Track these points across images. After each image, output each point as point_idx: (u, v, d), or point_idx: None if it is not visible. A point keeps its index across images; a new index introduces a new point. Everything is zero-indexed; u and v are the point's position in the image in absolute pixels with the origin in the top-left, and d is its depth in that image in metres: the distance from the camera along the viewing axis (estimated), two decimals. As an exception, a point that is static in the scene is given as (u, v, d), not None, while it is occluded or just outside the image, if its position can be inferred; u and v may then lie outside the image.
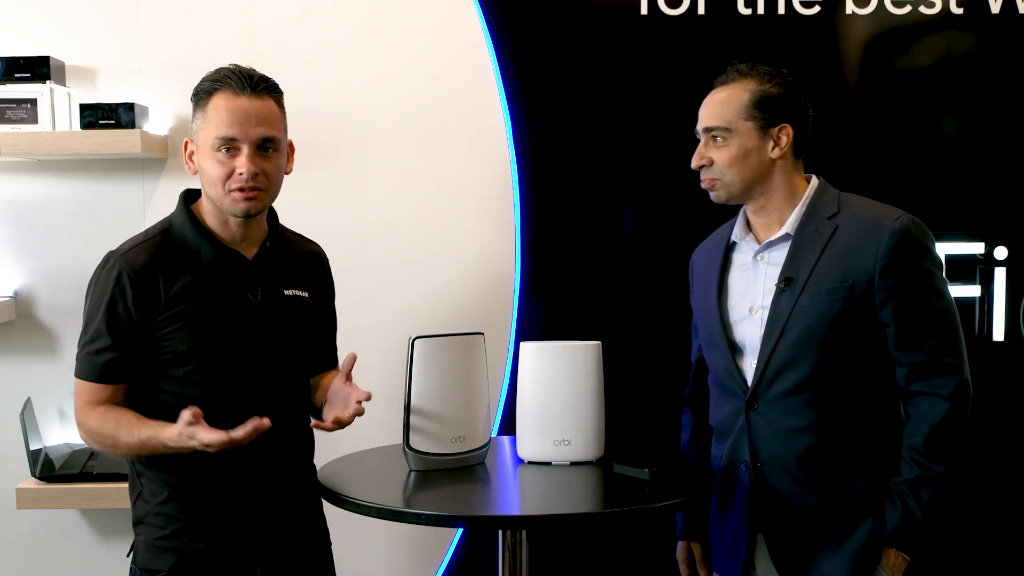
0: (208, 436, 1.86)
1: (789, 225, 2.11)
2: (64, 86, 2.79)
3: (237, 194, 1.99)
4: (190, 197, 2.10)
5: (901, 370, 2.04)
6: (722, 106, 2.12)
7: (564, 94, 2.87)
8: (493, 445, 2.40)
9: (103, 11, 2.84)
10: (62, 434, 2.88)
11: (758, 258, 2.15)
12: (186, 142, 2.05)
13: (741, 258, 2.20)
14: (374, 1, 2.87)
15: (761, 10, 2.83)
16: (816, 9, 2.83)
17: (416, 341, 2.17)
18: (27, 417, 2.72)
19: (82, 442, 2.80)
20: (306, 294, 2.16)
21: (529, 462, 2.26)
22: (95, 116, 2.69)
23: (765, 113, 2.10)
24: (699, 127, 2.17)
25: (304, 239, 2.26)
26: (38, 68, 2.71)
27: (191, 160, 2.05)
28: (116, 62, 2.85)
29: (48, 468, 2.71)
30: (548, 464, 2.24)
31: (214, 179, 2.00)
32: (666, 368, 2.89)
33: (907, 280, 2.01)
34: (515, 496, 2.16)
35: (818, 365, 2.04)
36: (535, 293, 2.91)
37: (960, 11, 2.82)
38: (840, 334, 2.03)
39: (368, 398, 2.00)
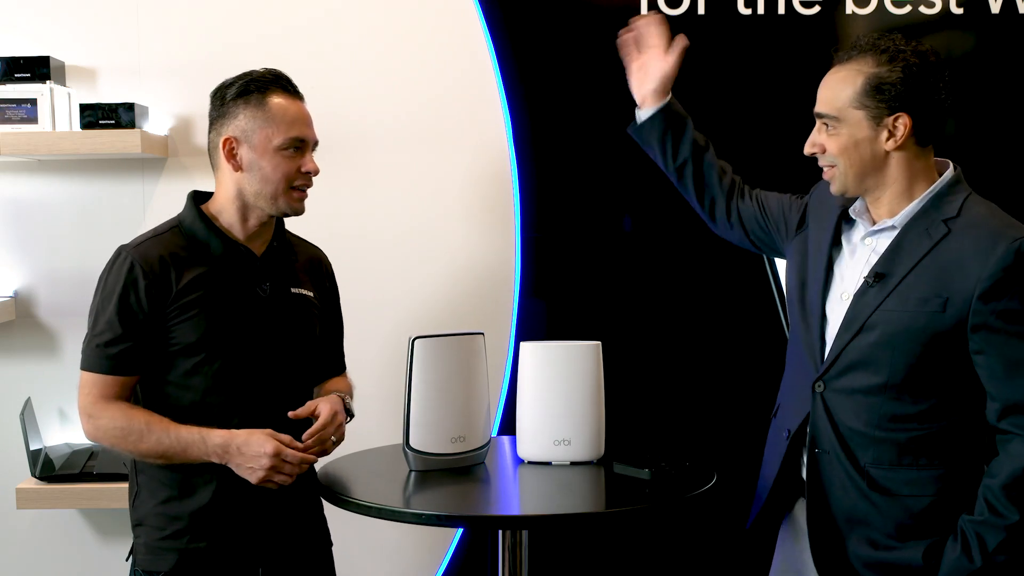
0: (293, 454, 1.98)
1: (899, 217, 1.94)
2: (64, 86, 2.79)
3: (297, 193, 2.08)
4: (198, 198, 2.11)
5: (993, 404, 1.85)
6: (834, 91, 1.95)
7: (564, 94, 2.87)
8: (493, 445, 2.40)
9: (103, 11, 2.84)
10: (62, 434, 2.88)
11: (865, 242, 2.00)
12: (227, 138, 2.03)
13: (855, 235, 2.04)
14: (374, 3, 2.87)
15: (761, 10, 2.83)
16: (816, 9, 2.83)
17: (416, 341, 2.17)
18: (27, 417, 2.72)
19: (82, 442, 2.83)
20: (311, 294, 2.18)
21: (529, 462, 2.26)
22: (95, 116, 2.69)
23: (879, 101, 1.91)
24: (814, 110, 2.00)
25: (306, 243, 2.27)
26: (38, 68, 2.71)
27: (233, 157, 2.04)
28: (116, 62, 2.85)
29: (48, 468, 2.71)
30: (548, 464, 2.24)
31: (278, 177, 2.04)
32: (666, 368, 2.89)
33: (1010, 310, 1.82)
34: (515, 496, 2.16)
35: (892, 375, 1.89)
36: (535, 293, 2.91)
37: (960, 11, 2.82)
38: (923, 351, 1.87)
39: (318, 432, 2.06)
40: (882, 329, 1.90)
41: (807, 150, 2.02)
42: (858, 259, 2.01)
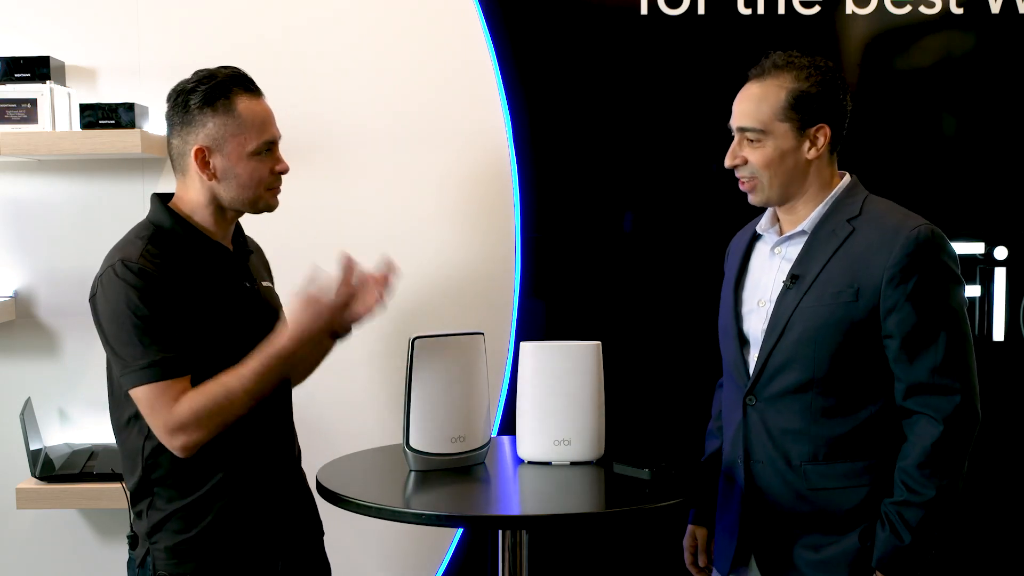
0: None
1: (808, 222, 2.06)
2: (64, 86, 2.79)
3: (273, 190, 2.08)
4: (164, 198, 2.10)
5: (899, 386, 1.96)
6: (757, 105, 2.04)
7: (564, 94, 2.87)
8: (493, 445, 2.40)
9: (103, 11, 2.84)
10: (62, 434, 2.88)
11: (775, 251, 2.11)
12: (199, 148, 2.00)
13: (762, 248, 2.16)
14: (374, 3, 2.87)
15: (761, 10, 2.83)
16: (816, 9, 2.83)
17: (416, 341, 2.17)
18: (27, 417, 2.72)
19: (82, 442, 2.83)
20: (271, 284, 2.22)
21: (529, 462, 2.26)
22: (95, 116, 2.69)
23: (802, 113, 2.01)
24: (733, 124, 2.08)
25: (248, 236, 2.25)
26: (38, 68, 2.70)
27: (207, 167, 2.01)
28: (116, 62, 2.85)
29: (48, 468, 2.71)
30: (548, 464, 2.24)
31: (255, 181, 2.03)
32: (666, 368, 2.89)
33: (913, 293, 1.92)
34: (515, 496, 2.16)
35: (817, 369, 1.99)
36: (535, 293, 2.91)
37: (960, 11, 2.82)
38: (843, 340, 1.97)
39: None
40: (803, 326, 2.00)
41: (728, 162, 2.09)
42: (772, 267, 2.11)
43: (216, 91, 2.01)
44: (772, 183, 2.05)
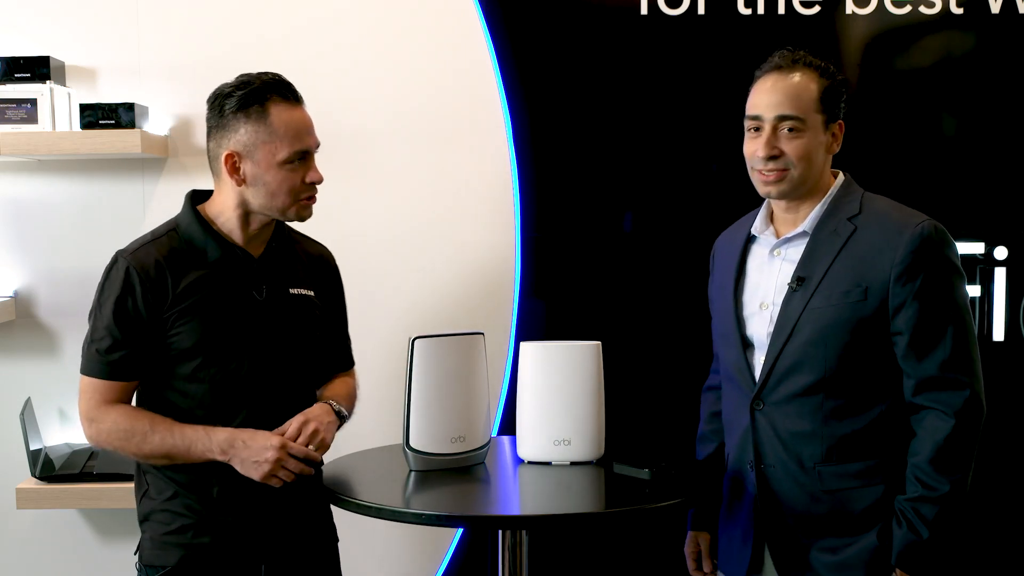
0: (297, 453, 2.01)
1: (808, 223, 2.05)
2: (64, 86, 2.79)
3: (305, 201, 2.07)
4: (196, 198, 2.11)
5: (909, 382, 1.97)
6: (797, 93, 2.01)
7: (564, 94, 2.87)
8: (493, 445, 2.40)
9: (103, 11, 2.84)
10: (62, 434, 2.88)
11: (775, 253, 2.10)
12: (230, 154, 2.01)
13: (759, 251, 2.15)
14: (375, 3, 2.87)
15: (761, 10, 2.83)
16: (816, 9, 2.83)
17: (416, 341, 2.17)
18: (27, 417, 2.72)
19: (82, 442, 2.83)
20: (312, 293, 2.17)
21: (529, 462, 2.26)
22: (95, 116, 2.69)
23: (828, 109, 2.03)
24: (767, 113, 2.02)
25: (311, 240, 2.27)
26: (38, 68, 2.71)
27: (236, 172, 2.02)
28: (116, 62, 2.85)
29: (48, 468, 2.71)
30: (548, 464, 2.24)
31: (284, 191, 2.03)
32: (666, 368, 2.89)
33: (921, 289, 1.93)
34: (515, 496, 2.16)
35: (827, 370, 1.98)
36: (535, 293, 2.91)
37: (960, 11, 2.82)
38: (852, 340, 1.97)
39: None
40: (811, 328, 2.00)
41: (765, 152, 2.01)
42: (773, 269, 2.10)
43: (251, 97, 2.01)
44: (801, 176, 2.02)
